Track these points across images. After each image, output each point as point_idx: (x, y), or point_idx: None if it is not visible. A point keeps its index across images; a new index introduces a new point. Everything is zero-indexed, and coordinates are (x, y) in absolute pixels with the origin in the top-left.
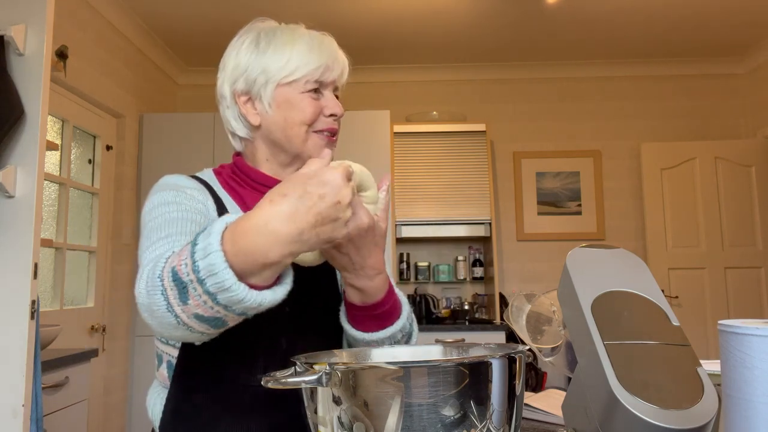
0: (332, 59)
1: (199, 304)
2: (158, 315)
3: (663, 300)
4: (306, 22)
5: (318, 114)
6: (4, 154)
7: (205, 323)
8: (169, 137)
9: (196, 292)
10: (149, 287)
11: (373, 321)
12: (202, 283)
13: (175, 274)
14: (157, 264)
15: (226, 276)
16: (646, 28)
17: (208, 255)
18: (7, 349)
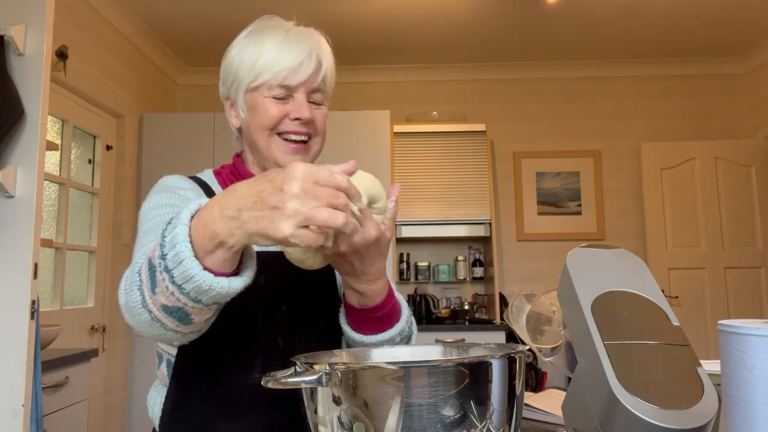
0: (300, 61)
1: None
2: (135, 313)
3: (663, 300)
4: (306, 22)
5: (282, 118)
6: (4, 154)
7: (171, 316)
8: (169, 137)
9: (161, 276)
10: (128, 285)
11: (372, 324)
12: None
13: (150, 261)
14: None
15: (183, 248)
16: (646, 28)
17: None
18: (7, 349)
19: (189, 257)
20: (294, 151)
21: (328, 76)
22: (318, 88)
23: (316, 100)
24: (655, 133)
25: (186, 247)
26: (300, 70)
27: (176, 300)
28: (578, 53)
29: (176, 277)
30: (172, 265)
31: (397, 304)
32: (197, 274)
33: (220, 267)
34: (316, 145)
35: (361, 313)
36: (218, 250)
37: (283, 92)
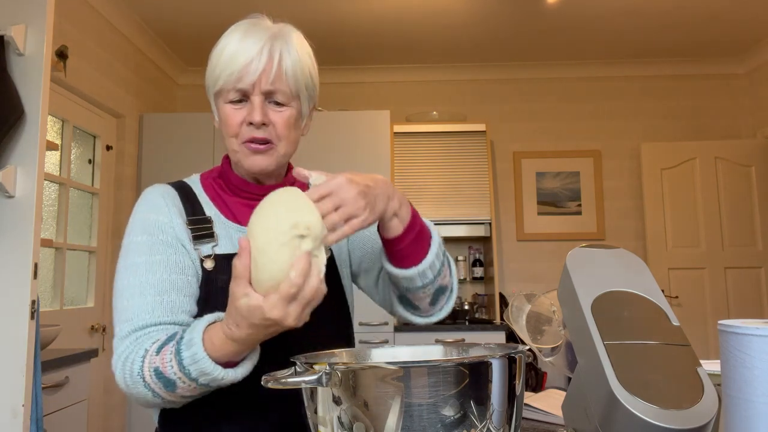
0: (250, 59)
1: (186, 388)
2: (142, 398)
3: (663, 300)
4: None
5: (240, 124)
6: (4, 154)
7: (192, 395)
8: (169, 137)
9: (184, 384)
10: (129, 381)
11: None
12: (193, 380)
13: (160, 373)
14: (132, 364)
15: (217, 371)
16: (646, 28)
17: (197, 361)
18: (7, 349)
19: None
20: (253, 152)
21: (289, 73)
22: (274, 88)
23: (278, 100)
24: (655, 133)
25: (208, 362)
26: (249, 70)
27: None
28: (578, 53)
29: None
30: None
31: (425, 226)
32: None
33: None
34: (282, 148)
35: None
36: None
37: (238, 95)
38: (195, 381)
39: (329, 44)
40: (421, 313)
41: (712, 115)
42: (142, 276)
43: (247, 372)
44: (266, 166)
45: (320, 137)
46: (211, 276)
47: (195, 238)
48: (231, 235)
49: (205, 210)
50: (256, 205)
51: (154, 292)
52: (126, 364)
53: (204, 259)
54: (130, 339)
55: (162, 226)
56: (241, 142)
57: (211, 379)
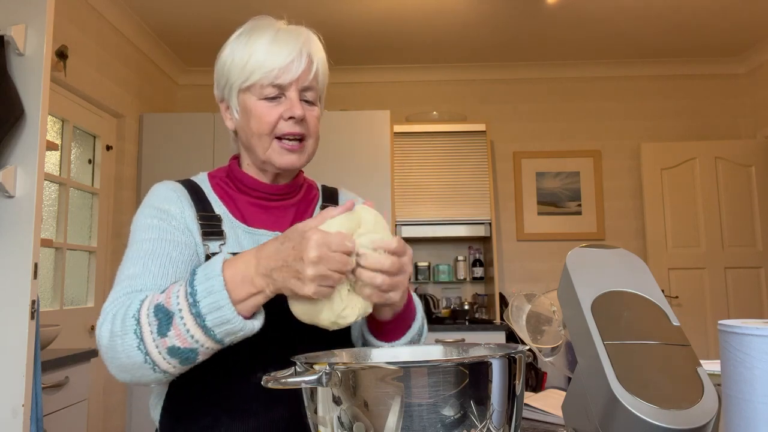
0: (291, 59)
1: (180, 332)
2: (123, 355)
3: (663, 300)
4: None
5: (278, 120)
6: (4, 154)
7: (176, 357)
8: (169, 137)
9: (181, 321)
10: (116, 330)
11: (397, 325)
12: (195, 303)
13: (160, 308)
14: (128, 309)
15: (221, 297)
16: (645, 28)
17: (210, 279)
18: (7, 349)
19: (227, 305)
20: (289, 151)
21: (320, 74)
22: (310, 86)
23: (309, 98)
24: (655, 133)
25: (224, 297)
26: (291, 68)
27: (193, 343)
28: (578, 53)
29: (208, 321)
30: (207, 311)
31: (411, 303)
32: (233, 318)
33: (247, 312)
34: (310, 147)
35: (392, 322)
36: (254, 298)
37: (275, 91)
38: (199, 316)
39: (329, 44)
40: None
41: (712, 115)
42: (149, 249)
43: (258, 326)
44: (299, 164)
45: (320, 137)
46: None
47: (204, 234)
48: (238, 235)
49: (214, 208)
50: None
51: (160, 263)
52: (119, 312)
53: (210, 255)
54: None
55: (174, 214)
56: (276, 137)
57: (220, 317)
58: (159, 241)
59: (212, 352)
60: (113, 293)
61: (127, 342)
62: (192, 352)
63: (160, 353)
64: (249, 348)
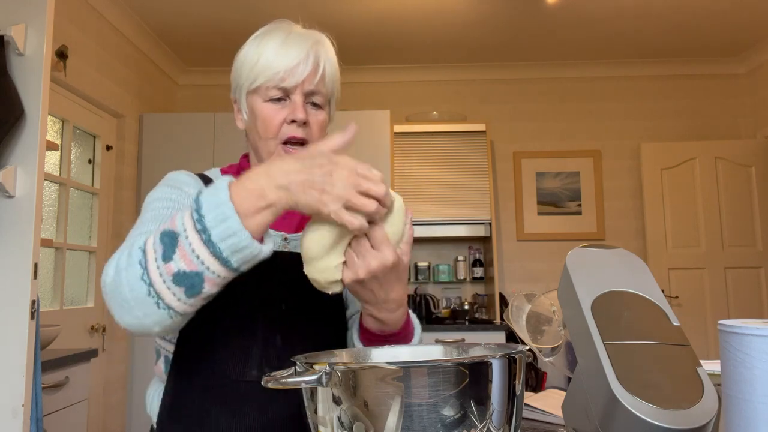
0: (297, 62)
1: (185, 253)
2: (127, 288)
3: (663, 300)
4: (305, 22)
5: (281, 123)
6: (4, 154)
7: (180, 285)
8: (169, 137)
9: (186, 240)
10: (122, 264)
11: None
12: (200, 217)
13: (166, 231)
14: (133, 245)
15: (227, 209)
16: (646, 28)
17: (217, 192)
18: (7, 349)
19: (233, 216)
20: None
21: (327, 78)
22: (316, 90)
23: (315, 102)
24: (655, 133)
25: (230, 208)
26: (296, 72)
27: (199, 265)
28: (578, 53)
29: (215, 235)
30: (212, 224)
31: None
32: (239, 231)
33: (256, 228)
34: None
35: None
36: (262, 213)
37: (280, 94)
38: (204, 231)
39: None
40: None
41: (712, 115)
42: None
43: (268, 251)
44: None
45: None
46: None
47: None
48: None
49: None
50: None
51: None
52: (125, 249)
53: None
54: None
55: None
56: (280, 141)
57: (226, 230)
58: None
59: (219, 283)
60: (124, 244)
61: (131, 273)
62: (197, 276)
63: (164, 282)
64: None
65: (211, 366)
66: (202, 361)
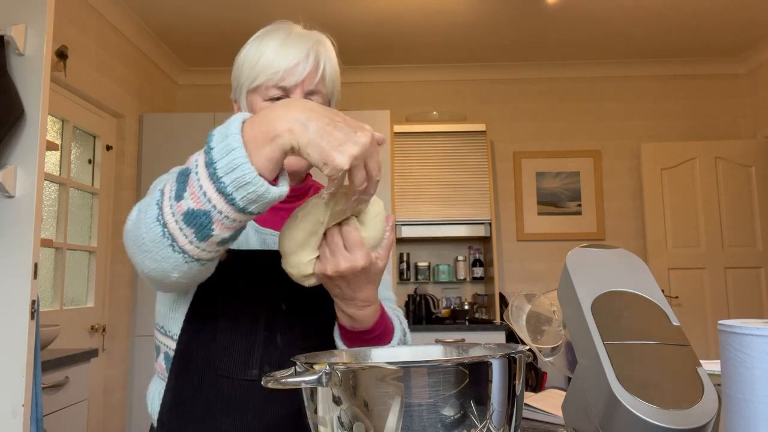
0: (297, 61)
1: (194, 191)
2: (144, 231)
3: (663, 300)
4: (306, 22)
5: None
6: (4, 154)
7: (191, 225)
8: (169, 137)
9: (196, 176)
10: (143, 206)
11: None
12: (209, 152)
13: (182, 171)
14: (154, 191)
15: (234, 141)
16: (645, 28)
17: (229, 124)
18: (7, 349)
19: (239, 147)
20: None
21: (328, 78)
22: (316, 89)
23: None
24: (655, 133)
25: (237, 139)
26: (296, 71)
27: (206, 201)
28: (578, 53)
29: (220, 168)
30: (218, 156)
31: (389, 327)
32: (243, 164)
33: (263, 165)
34: None
35: (352, 334)
36: (268, 147)
37: (280, 93)
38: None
39: None
40: None
41: (712, 115)
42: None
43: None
44: (300, 167)
45: None
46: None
47: None
48: (247, 231)
49: None
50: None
51: None
52: (148, 196)
53: None
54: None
55: None
56: None
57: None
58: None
59: (229, 225)
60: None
61: (149, 215)
62: (206, 216)
63: (176, 222)
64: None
65: (212, 365)
66: (202, 360)
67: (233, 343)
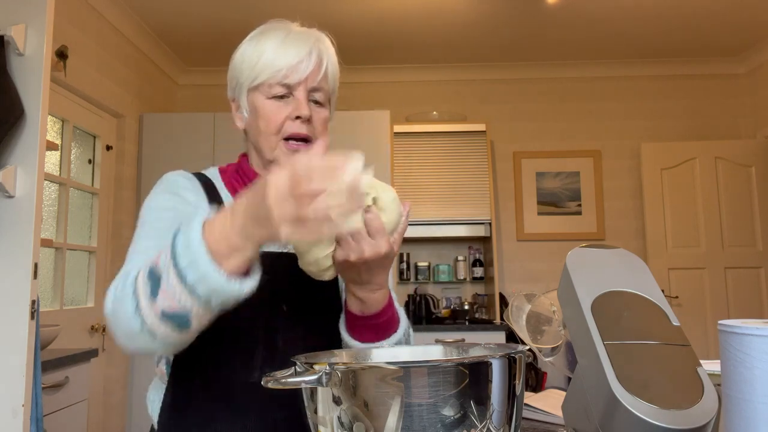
0: (300, 59)
1: (167, 294)
2: (123, 321)
3: (663, 300)
4: (304, 21)
5: (285, 119)
6: (4, 154)
7: (169, 321)
8: (169, 137)
9: (168, 279)
10: (119, 295)
11: (371, 331)
12: (176, 262)
13: (152, 269)
14: (129, 274)
15: (198, 251)
16: (645, 28)
17: (190, 233)
18: (7, 349)
19: (205, 259)
20: (295, 152)
21: (330, 75)
22: (319, 86)
23: (318, 99)
24: (655, 133)
25: (201, 249)
26: (299, 68)
27: (182, 306)
28: (578, 53)
29: (189, 278)
30: (185, 263)
31: (396, 315)
32: (212, 274)
33: (233, 271)
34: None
35: (360, 320)
36: (234, 256)
37: (283, 90)
38: (181, 273)
39: None
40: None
41: (712, 115)
42: (165, 226)
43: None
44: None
45: None
46: None
47: None
48: None
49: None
50: None
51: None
52: (122, 277)
53: None
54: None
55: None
56: (283, 138)
57: (200, 275)
58: (175, 219)
59: (207, 318)
60: (123, 267)
61: (126, 307)
62: (182, 317)
63: (153, 319)
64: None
65: (212, 367)
66: (203, 363)
67: (234, 346)
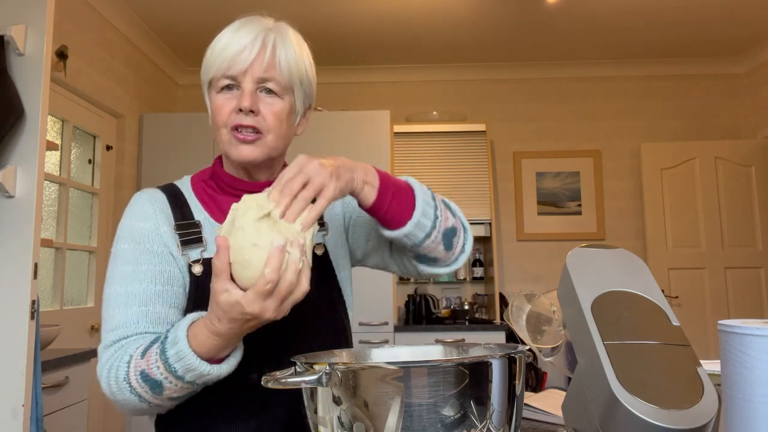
0: (242, 47)
1: (174, 390)
2: (129, 405)
3: (663, 300)
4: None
5: (231, 111)
6: (4, 154)
7: (177, 401)
8: (169, 137)
9: (171, 384)
10: (114, 388)
11: (399, 202)
12: (179, 378)
13: (146, 376)
14: (118, 370)
15: (202, 366)
16: (646, 28)
17: (182, 358)
18: (7, 349)
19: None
20: (242, 142)
21: (283, 64)
22: (269, 76)
23: (272, 88)
24: (655, 133)
25: (205, 365)
26: (241, 58)
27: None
28: (578, 53)
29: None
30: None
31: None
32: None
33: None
34: (270, 141)
35: (383, 198)
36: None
37: (229, 81)
38: (181, 379)
39: (330, 44)
40: (441, 263)
41: (712, 115)
42: (128, 285)
43: (231, 367)
44: (254, 157)
45: (320, 137)
46: (200, 281)
47: (183, 243)
48: None
49: (194, 214)
50: None
51: (139, 302)
52: (111, 371)
53: (192, 264)
54: (114, 348)
55: (149, 234)
56: (229, 129)
57: (197, 375)
58: (137, 274)
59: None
60: (103, 341)
61: (128, 399)
62: (190, 393)
63: (161, 402)
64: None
65: None
66: None
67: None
